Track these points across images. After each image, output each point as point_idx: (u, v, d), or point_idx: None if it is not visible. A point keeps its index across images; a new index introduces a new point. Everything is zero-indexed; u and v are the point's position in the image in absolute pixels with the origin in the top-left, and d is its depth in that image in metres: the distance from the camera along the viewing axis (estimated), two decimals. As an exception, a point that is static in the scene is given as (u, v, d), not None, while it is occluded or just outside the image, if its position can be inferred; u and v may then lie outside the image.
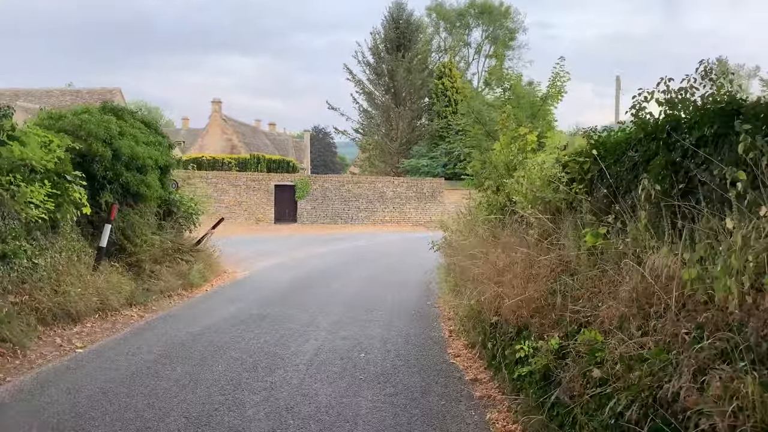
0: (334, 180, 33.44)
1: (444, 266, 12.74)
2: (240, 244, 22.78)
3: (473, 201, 13.17)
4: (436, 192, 34.06)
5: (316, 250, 20.22)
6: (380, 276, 13.98)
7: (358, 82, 37.33)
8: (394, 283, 12.75)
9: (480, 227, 10.01)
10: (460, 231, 12.17)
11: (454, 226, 13.70)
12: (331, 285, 12.28)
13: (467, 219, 12.32)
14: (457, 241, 11.82)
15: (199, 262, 12.48)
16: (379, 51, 37.10)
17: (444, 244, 13.03)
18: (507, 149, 9.88)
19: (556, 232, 6.77)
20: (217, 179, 31.88)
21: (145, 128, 12.78)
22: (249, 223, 31.69)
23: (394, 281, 13.15)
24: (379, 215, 33.41)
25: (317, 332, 7.84)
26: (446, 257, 12.70)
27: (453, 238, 12.63)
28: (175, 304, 9.72)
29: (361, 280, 13.24)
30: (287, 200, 32.33)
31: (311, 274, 14.07)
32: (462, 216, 13.23)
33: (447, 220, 15.15)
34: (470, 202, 13.56)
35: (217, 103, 55.68)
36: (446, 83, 36.45)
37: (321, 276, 13.77)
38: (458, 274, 10.00)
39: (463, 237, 11.81)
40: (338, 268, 15.54)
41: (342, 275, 14.04)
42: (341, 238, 25.33)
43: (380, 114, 37.65)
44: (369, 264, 16.37)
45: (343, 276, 13.87)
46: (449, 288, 10.37)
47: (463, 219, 12.91)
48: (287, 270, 14.81)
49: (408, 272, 14.58)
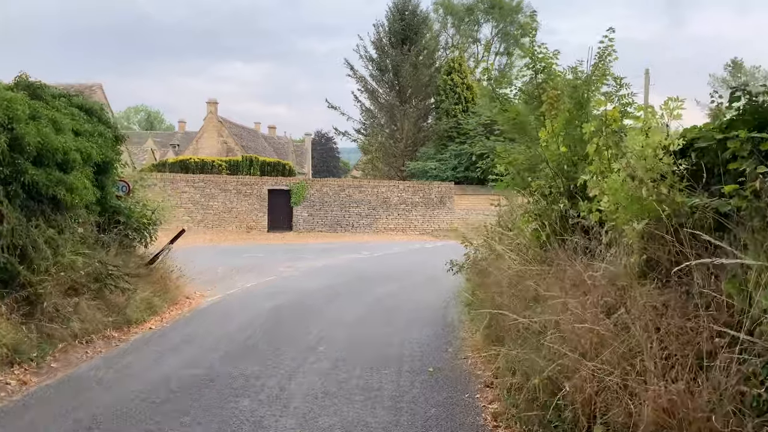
0: (334, 184, 30.57)
1: (468, 294, 9.82)
2: (223, 256, 19.95)
3: (507, 207, 10.29)
4: (445, 197, 31.16)
5: (309, 265, 17.32)
6: (384, 306, 11.06)
7: (360, 79, 34.48)
8: (403, 318, 9.82)
9: (527, 245, 7.10)
10: (491, 248, 9.26)
11: (479, 240, 10.82)
12: (320, 320, 9.36)
13: (501, 232, 9.41)
14: (488, 262, 8.90)
15: (148, 287, 9.60)
16: (382, 45, 34.25)
17: (468, 265, 10.12)
18: (566, 137, 7.04)
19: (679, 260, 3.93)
20: (204, 183, 29.04)
21: (83, 114, 9.94)
22: (240, 231, 28.82)
23: (402, 314, 10.22)
24: (382, 223, 30.50)
25: (281, 419, 4.92)
26: (472, 283, 9.79)
27: (481, 257, 9.71)
28: (88, 357, 6.80)
29: (360, 312, 10.32)
30: (282, 206, 29.47)
31: (297, 302, 11.15)
32: (491, 228, 10.32)
33: (466, 232, 12.23)
34: (501, 209, 10.68)
35: (212, 104, 53.04)
36: (456, 79, 33.55)
37: (309, 306, 10.85)
38: (495, 314, 7.08)
39: (494, 256, 8.92)
40: (333, 291, 12.62)
41: (336, 303, 11.13)
42: (340, 250, 22.42)
43: (384, 113, 34.77)
44: (370, 287, 13.44)
45: (336, 305, 10.95)
46: (482, 334, 7.45)
47: (492, 231, 9.99)
48: (268, 295, 11.90)
49: (419, 300, 11.66)
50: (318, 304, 10.84)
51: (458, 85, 33.62)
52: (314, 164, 75.87)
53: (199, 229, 28.71)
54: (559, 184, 6.73)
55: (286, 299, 11.33)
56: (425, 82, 33.52)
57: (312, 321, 9.20)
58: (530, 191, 7.16)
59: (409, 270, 16.44)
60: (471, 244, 10.55)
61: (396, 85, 33.81)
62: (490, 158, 17.89)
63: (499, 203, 11.35)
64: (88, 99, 10.84)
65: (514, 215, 9.70)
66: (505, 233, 9.68)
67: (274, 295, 11.83)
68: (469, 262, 10.28)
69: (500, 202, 10.94)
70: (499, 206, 11.37)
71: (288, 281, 14.15)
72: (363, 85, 34.65)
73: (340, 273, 15.61)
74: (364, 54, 34.32)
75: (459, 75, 33.71)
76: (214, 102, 52.92)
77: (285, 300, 11.26)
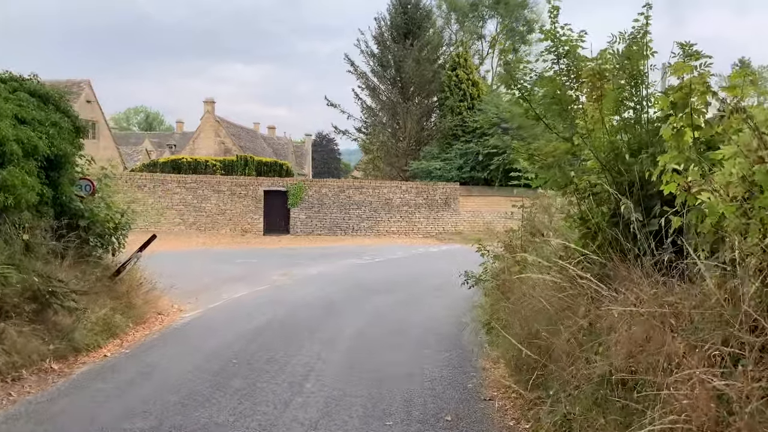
0: (333, 185, 29.09)
1: (486, 312, 8.34)
2: (213, 261, 18.49)
3: (536, 208, 8.82)
4: (450, 199, 29.67)
5: (305, 272, 15.83)
6: (387, 323, 9.57)
7: (361, 75, 32.96)
8: (409, 338, 8.34)
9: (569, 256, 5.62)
10: (515, 257, 7.79)
11: (497, 246, 9.36)
12: (312, 342, 7.87)
13: (527, 238, 7.94)
14: (512, 274, 7.41)
15: (109, 303, 8.13)
16: (384, 39, 32.75)
17: (486, 278, 8.63)
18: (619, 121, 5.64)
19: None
20: (197, 184, 27.57)
21: (34, 101, 8.48)
22: (234, 234, 27.34)
23: (408, 333, 8.74)
24: (384, 225, 29.02)
25: None
26: (492, 299, 8.31)
27: (501, 268, 8.23)
28: (10, 402, 5.31)
29: (359, 330, 8.83)
30: (278, 208, 28.00)
31: (289, 318, 9.67)
32: (514, 233, 8.84)
33: (482, 237, 10.77)
34: (524, 212, 9.21)
35: (209, 103, 51.61)
36: (461, 75, 32.08)
37: (301, 322, 9.36)
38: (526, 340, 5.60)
39: (519, 267, 7.45)
40: (330, 303, 11.14)
41: (333, 319, 9.65)
42: (339, 254, 20.93)
43: (386, 111, 33.29)
44: (371, 298, 11.97)
45: (333, 322, 9.46)
46: (509, 366, 5.97)
47: (516, 237, 8.52)
48: (257, 308, 10.43)
49: (427, 315, 10.18)
50: (312, 321, 9.36)
51: (463, 81, 32.15)
52: (315, 166, 74.40)
53: (191, 232, 27.26)
54: (619, 180, 5.25)
55: (277, 314, 9.85)
56: (429, 78, 32.04)
57: (303, 344, 7.72)
58: (574, 189, 5.66)
59: (414, 278, 14.96)
60: (487, 251, 9.06)
61: (398, 81, 32.32)
62: (506, 154, 16.52)
63: (522, 205, 9.89)
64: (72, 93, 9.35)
65: (543, 218, 8.23)
66: (532, 240, 8.21)
67: (264, 309, 10.36)
68: (488, 273, 8.79)
69: (523, 203, 9.46)
70: (522, 208, 9.91)
71: (281, 291, 12.67)
72: (364, 81, 33.17)
73: (339, 281, 14.13)
74: (365, 49, 32.90)
75: (464, 71, 32.23)
76: (211, 101, 51.46)
77: (275, 315, 9.78)
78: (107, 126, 33.86)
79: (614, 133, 5.88)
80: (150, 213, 27.30)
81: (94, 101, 31.11)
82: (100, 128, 32.03)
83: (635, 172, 5.28)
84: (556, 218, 7.69)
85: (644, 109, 5.84)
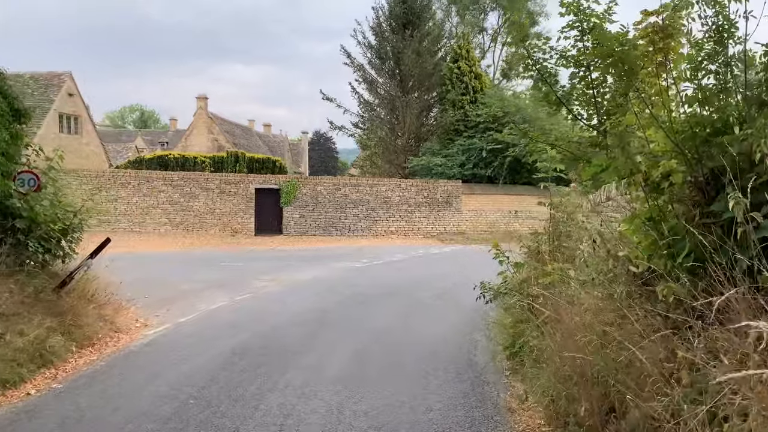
0: (328, 183, 27.57)
1: (508, 332, 6.88)
2: (196, 265, 16.99)
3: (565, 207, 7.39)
4: (451, 197, 28.20)
5: (295, 278, 14.37)
6: (386, 345, 8.10)
7: (358, 68, 31.42)
8: (412, 364, 6.86)
9: (628, 266, 4.17)
10: (543, 267, 6.33)
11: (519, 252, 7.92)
12: (293, 375, 6.39)
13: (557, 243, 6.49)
14: (543, 288, 5.95)
15: (48, 321, 6.64)
16: (382, 30, 31.21)
17: (506, 290, 7.17)
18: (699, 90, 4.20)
19: None
20: (184, 182, 26.06)
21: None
22: (223, 235, 25.84)
23: (411, 357, 7.26)
24: (382, 225, 27.55)
25: None
26: (514, 317, 6.86)
27: (528, 279, 6.77)
28: None
29: (352, 355, 7.36)
30: (271, 207, 26.50)
31: (268, 338, 8.19)
32: (538, 236, 7.39)
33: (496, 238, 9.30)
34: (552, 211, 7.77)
35: (202, 99, 50.18)
36: (463, 67, 30.55)
37: (282, 345, 7.89)
38: (572, 377, 4.14)
39: (551, 279, 6.00)
40: (319, 318, 9.68)
41: (321, 340, 8.18)
42: (334, 257, 19.46)
43: (384, 105, 31.77)
44: (368, 311, 10.51)
45: (321, 344, 8.00)
46: (548, 410, 4.50)
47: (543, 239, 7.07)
48: (232, 325, 8.95)
49: (432, 333, 8.70)
50: (297, 341, 7.89)
51: (465, 73, 30.63)
52: (312, 164, 72.92)
53: (178, 232, 25.77)
54: (709, 166, 3.79)
55: (254, 333, 8.37)
56: (429, 71, 30.53)
57: (283, 374, 6.25)
58: (643, 179, 4.18)
59: (416, 284, 13.49)
60: (506, 257, 7.58)
61: (397, 74, 30.81)
62: (515, 148, 15.08)
63: (550, 202, 8.43)
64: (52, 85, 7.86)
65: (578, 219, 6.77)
66: (562, 246, 6.75)
67: (242, 324, 8.90)
68: (508, 285, 7.32)
69: (551, 201, 8.00)
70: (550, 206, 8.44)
71: (264, 301, 11.20)
72: (361, 74, 31.64)
73: (332, 289, 12.65)
74: (363, 40, 31.36)
75: (466, 62, 30.72)
76: (203, 97, 50.00)
77: (252, 334, 8.30)
78: (91, 121, 32.28)
79: (690, 106, 4.43)
80: (134, 212, 25.83)
81: (77, 94, 29.51)
82: (83, 123, 30.42)
83: (730, 156, 3.80)
84: (597, 219, 6.24)
85: (731, 73, 4.36)
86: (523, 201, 30.52)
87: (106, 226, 25.74)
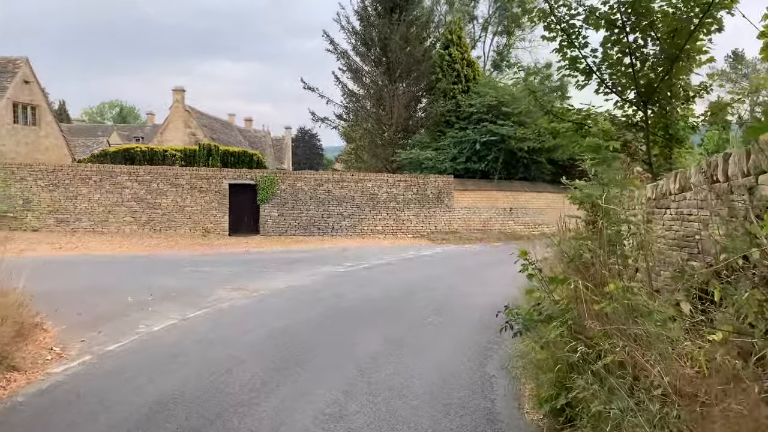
0: (310, 178, 25.38)
1: (546, 375, 4.83)
2: (154, 271, 14.74)
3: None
4: (443, 193, 26.16)
5: (267, 287, 12.25)
6: (376, 389, 6.00)
7: (342, 54, 29.18)
8: (412, 420, 4.79)
9: None
10: (612, 283, 4.28)
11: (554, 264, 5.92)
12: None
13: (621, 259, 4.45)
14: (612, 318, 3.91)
15: None
16: (368, 15, 29.02)
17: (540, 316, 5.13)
18: None
19: None
20: (151, 177, 23.73)
21: None
22: (194, 235, 23.57)
23: (412, 413, 5.17)
24: (368, 223, 25.45)
25: None
26: (552, 358, 4.82)
27: (575, 299, 4.72)
28: None
29: (329, 406, 5.26)
30: (246, 204, 24.27)
31: (215, 380, 6.07)
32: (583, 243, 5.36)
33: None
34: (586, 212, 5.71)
35: (179, 92, 47.70)
36: (454, 54, 28.46)
37: (233, 392, 5.77)
38: None
39: (608, 306, 3.98)
40: (290, 346, 7.58)
41: (288, 383, 6.07)
42: (315, 260, 17.35)
43: (370, 95, 29.61)
44: (352, 333, 8.45)
45: (287, 389, 5.90)
46: None
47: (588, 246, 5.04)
48: (172, 357, 6.83)
49: (436, 366, 6.63)
50: (252, 385, 5.79)
51: (457, 61, 28.54)
52: (296, 161, 70.56)
53: (145, 232, 23.47)
54: None
55: (196, 372, 6.24)
56: (418, 58, 28.41)
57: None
58: None
59: (409, 293, 11.43)
60: (538, 270, 5.53)
61: (384, 61, 28.65)
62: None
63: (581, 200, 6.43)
64: (6, 71, 5.63)
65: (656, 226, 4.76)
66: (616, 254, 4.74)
67: (180, 360, 6.79)
68: (542, 309, 5.27)
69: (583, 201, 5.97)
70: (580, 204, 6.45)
71: (222, 322, 9.06)
72: (345, 62, 29.41)
73: (309, 302, 10.55)
74: (346, 25, 29.12)
75: (458, 49, 28.62)
76: (180, 89, 47.50)
77: (193, 373, 6.18)
78: (50, 111, 29.72)
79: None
80: (96, 210, 23.49)
81: (34, 81, 26.96)
82: (41, 113, 27.83)
83: None
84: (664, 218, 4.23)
85: None
86: (519, 197, 28.57)
87: (65, 225, 23.41)
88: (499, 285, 12.48)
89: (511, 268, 6.39)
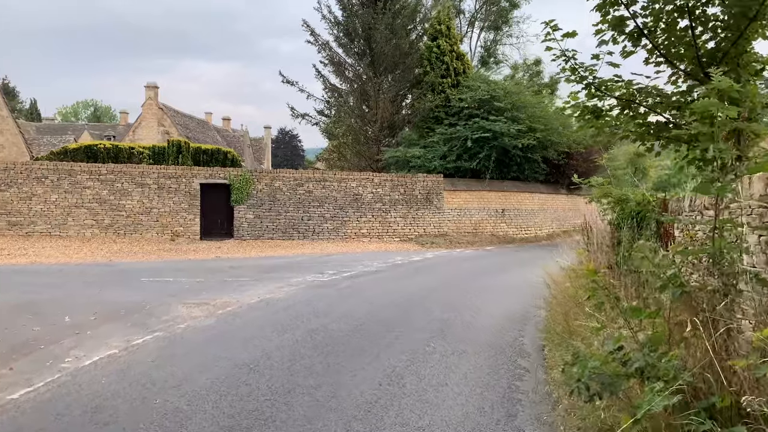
0: (288, 177, 23.50)
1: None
2: (106, 282, 12.74)
3: None
4: (432, 194, 24.47)
5: (237, 301, 10.44)
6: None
7: (323, 46, 27.37)
8: None
9: None
10: None
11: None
12: None
13: None
14: None
15: None
16: (351, 4, 27.25)
17: (638, 374, 3.32)
18: None
19: None
20: (114, 176, 21.69)
21: None
22: (162, 240, 21.58)
23: None
24: (352, 226, 23.67)
25: None
26: None
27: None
28: None
29: None
30: (219, 206, 22.35)
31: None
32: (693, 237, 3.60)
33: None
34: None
35: (152, 89, 45.51)
36: (443, 45, 26.81)
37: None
38: None
39: None
40: (255, 384, 5.77)
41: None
42: (293, 267, 15.54)
43: (353, 90, 27.83)
44: (337, 367, 6.67)
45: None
46: None
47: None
48: (93, 412, 4.97)
49: (446, 423, 4.84)
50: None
51: (446, 53, 26.90)
52: (277, 162, 68.47)
53: (107, 236, 21.42)
54: None
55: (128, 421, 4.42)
56: (405, 50, 26.72)
57: None
58: None
59: (405, 311, 9.66)
60: (616, 297, 3.80)
61: (368, 54, 26.88)
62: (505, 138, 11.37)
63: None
64: None
65: None
66: None
67: (105, 415, 4.95)
68: (627, 359, 3.53)
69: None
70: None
71: (173, 352, 7.21)
72: (327, 54, 27.58)
73: (285, 323, 8.74)
74: (328, 15, 27.33)
75: (447, 41, 26.99)
76: (153, 86, 45.28)
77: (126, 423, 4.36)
78: (6, 106, 27.50)
79: None
80: (53, 212, 21.39)
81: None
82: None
83: None
84: None
85: None
86: (512, 198, 26.98)
87: (18, 228, 21.26)
88: (507, 298, 10.80)
89: (513, 277, 4.70)
